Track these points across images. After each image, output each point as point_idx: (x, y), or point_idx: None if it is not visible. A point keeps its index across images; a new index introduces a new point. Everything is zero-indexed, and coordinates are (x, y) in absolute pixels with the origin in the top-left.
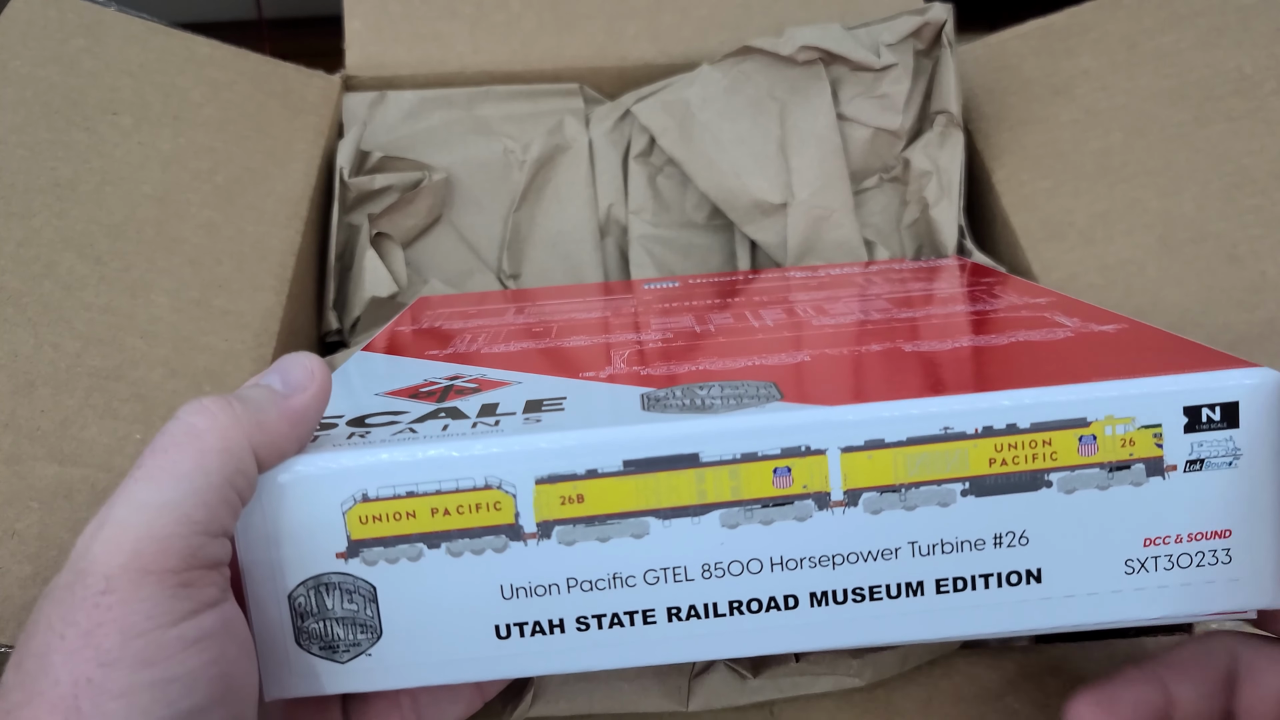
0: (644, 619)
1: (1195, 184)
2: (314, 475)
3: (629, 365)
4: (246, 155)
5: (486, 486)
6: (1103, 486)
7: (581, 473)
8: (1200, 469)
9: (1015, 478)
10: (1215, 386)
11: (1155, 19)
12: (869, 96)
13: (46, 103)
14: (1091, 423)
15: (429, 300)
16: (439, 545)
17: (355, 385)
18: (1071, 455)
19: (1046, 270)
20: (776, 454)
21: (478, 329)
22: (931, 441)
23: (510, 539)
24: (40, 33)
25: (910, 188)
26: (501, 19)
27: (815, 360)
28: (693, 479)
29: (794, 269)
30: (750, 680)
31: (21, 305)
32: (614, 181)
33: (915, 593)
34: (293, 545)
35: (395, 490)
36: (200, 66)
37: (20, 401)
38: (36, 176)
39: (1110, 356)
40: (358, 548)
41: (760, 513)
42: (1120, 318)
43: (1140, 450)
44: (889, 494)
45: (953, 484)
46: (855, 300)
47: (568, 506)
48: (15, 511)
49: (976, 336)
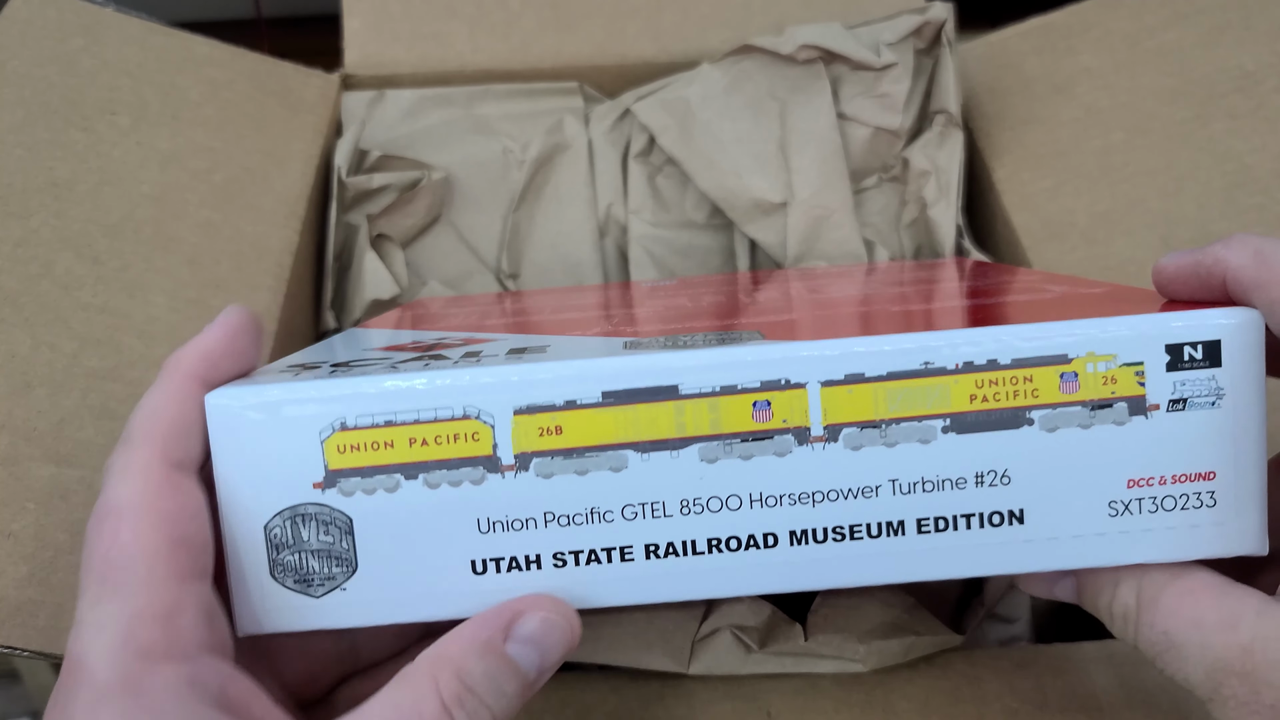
0: (621, 556)
1: (1197, 183)
2: (294, 402)
3: (618, 327)
4: (245, 154)
5: (465, 416)
6: (1085, 425)
7: (560, 403)
8: (1183, 409)
9: (996, 415)
10: (1197, 325)
11: (1157, 16)
12: (869, 96)
13: (45, 102)
14: (1073, 359)
15: (424, 302)
16: (416, 476)
17: (341, 346)
18: (1053, 393)
19: (1047, 270)
20: (756, 387)
21: (471, 312)
22: (912, 376)
23: (488, 471)
24: (39, 32)
25: (909, 187)
26: (501, 17)
27: (804, 317)
28: (672, 411)
29: (794, 270)
30: (754, 652)
31: (19, 305)
32: (613, 181)
33: (896, 532)
34: (270, 474)
35: (374, 419)
36: (199, 66)
37: (17, 402)
38: (34, 176)
39: (1094, 305)
40: (335, 478)
41: (739, 447)
42: (1112, 284)
43: (1122, 389)
44: (869, 429)
45: (933, 420)
46: (853, 283)
47: (546, 438)
48: (11, 512)
49: (966, 300)
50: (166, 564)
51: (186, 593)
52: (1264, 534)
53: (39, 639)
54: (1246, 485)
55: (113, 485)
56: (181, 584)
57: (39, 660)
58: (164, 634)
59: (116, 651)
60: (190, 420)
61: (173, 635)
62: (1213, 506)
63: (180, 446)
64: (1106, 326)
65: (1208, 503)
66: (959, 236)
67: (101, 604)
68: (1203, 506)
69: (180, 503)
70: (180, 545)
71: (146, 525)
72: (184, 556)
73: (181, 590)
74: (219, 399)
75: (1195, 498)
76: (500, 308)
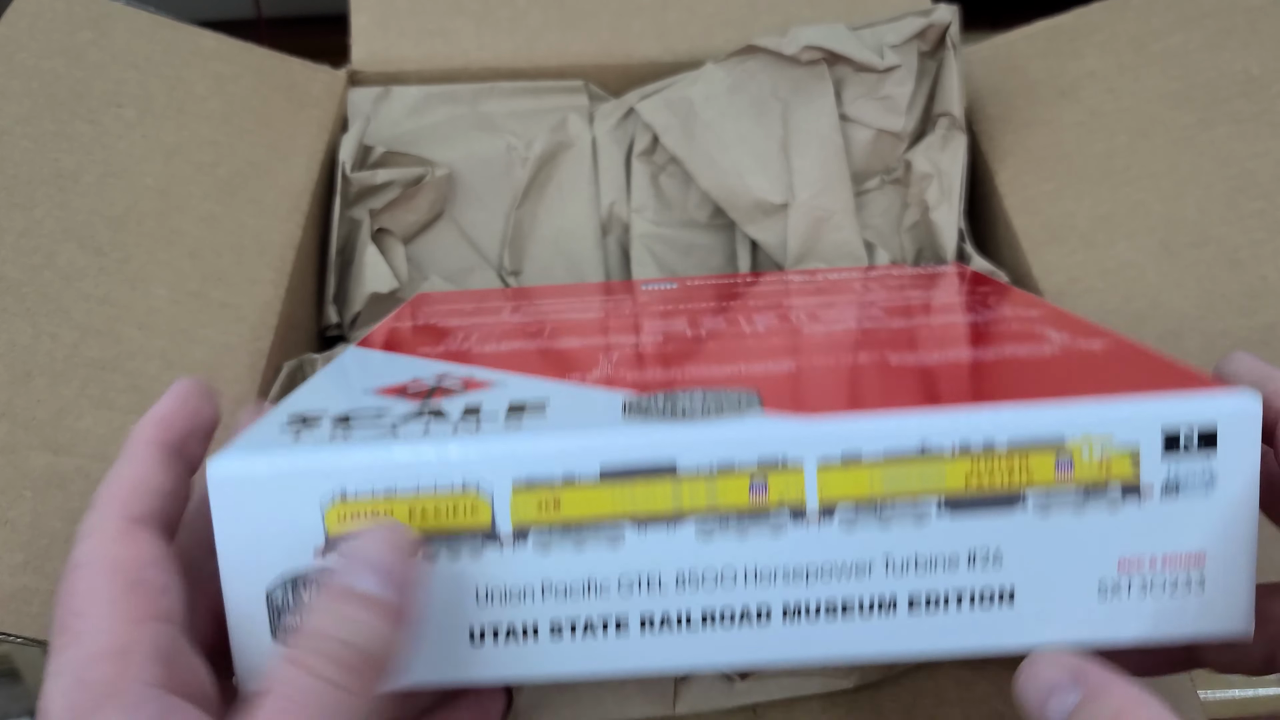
0: (617, 627)
1: (1199, 187)
2: (293, 474)
3: (617, 369)
4: (249, 149)
5: (464, 489)
6: (1078, 507)
7: (559, 479)
8: (1176, 492)
9: (991, 496)
10: (1195, 409)
11: (1164, 20)
12: (872, 98)
13: (52, 94)
14: (1069, 442)
15: (428, 296)
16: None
17: (343, 380)
18: (1048, 475)
19: (1047, 274)
20: (753, 465)
21: (472, 326)
22: (908, 458)
23: (486, 541)
24: (47, 25)
25: (911, 190)
26: (507, 15)
27: (800, 369)
28: (669, 488)
29: (793, 273)
30: (738, 684)
31: (21, 295)
32: (616, 179)
33: (888, 609)
34: (271, 540)
35: (374, 491)
36: (205, 60)
37: (17, 391)
38: (40, 167)
39: (1092, 373)
40: (337, 543)
41: (736, 524)
42: (1108, 333)
43: (1117, 472)
44: (864, 507)
45: (928, 499)
46: (849, 308)
47: (544, 511)
48: (8, 500)
49: (963, 349)
50: (121, 608)
51: (141, 632)
52: (1251, 617)
53: (33, 626)
54: (1236, 568)
55: (76, 546)
56: (136, 625)
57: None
58: (113, 671)
59: (69, 692)
60: (148, 480)
61: (122, 672)
62: (1202, 588)
63: (138, 503)
64: (1104, 409)
65: (1197, 584)
66: (960, 240)
67: (62, 651)
68: (1191, 588)
69: (135, 551)
70: (135, 589)
71: (101, 574)
72: (139, 600)
73: (135, 630)
74: (219, 468)
75: (1185, 579)
76: (499, 320)
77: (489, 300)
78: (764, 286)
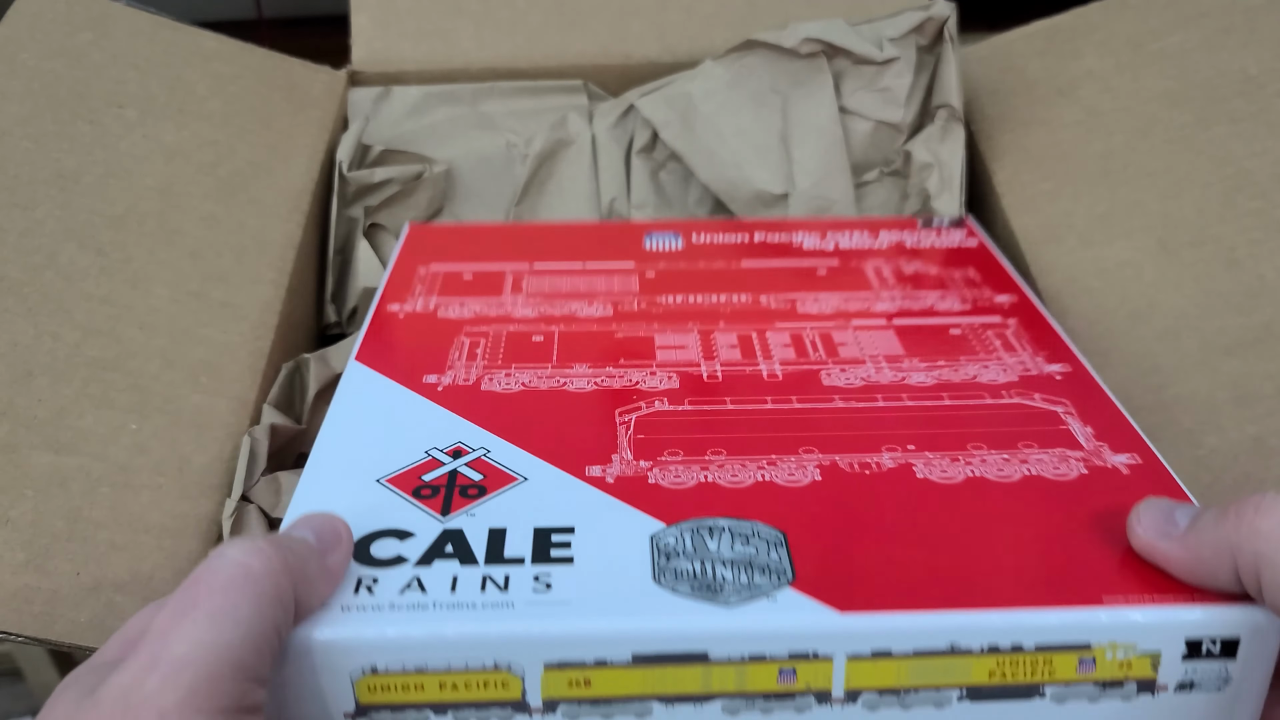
0: None
1: (1196, 186)
2: (325, 645)
3: (636, 456)
4: (249, 149)
5: (495, 668)
6: (1093, 699)
7: (590, 662)
8: (1190, 689)
9: (1012, 688)
10: (1220, 621)
11: (1162, 19)
12: (871, 90)
13: (53, 95)
14: (1094, 647)
15: (423, 234)
16: (446, 713)
17: (353, 456)
18: (1069, 672)
19: (1044, 273)
20: (784, 657)
21: (475, 332)
22: (937, 655)
23: (516, 712)
24: (48, 26)
25: (911, 181)
26: (507, 15)
27: (827, 480)
28: (699, 673)
29: (800, 227)
30: None
31: (22, 295)
32: (616, 176)
33: None
34: (303, 702)
35: (404, 666)
36: (206, 60)
37: (18, 390)
38: (41, 168)
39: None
40: (366, 710)
41: (762, 704)
42: (1138, 438)
43: (1136, 672)
44: (888, 695)
45: (951, 690)
46: (865, 364)
47: (575, 688)
48: (10, 499)
49: (989, 452)
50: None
51: None
52: None
53: (35, 625)
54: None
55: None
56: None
57: (36, 649)
58: None
59: None
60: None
61: None
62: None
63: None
64: (1132, 617)
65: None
66: None
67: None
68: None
69: None
70: None
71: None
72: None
73: None
74: None
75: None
76: (505, 317)
77: (487, 255)
78: (773, 265)
